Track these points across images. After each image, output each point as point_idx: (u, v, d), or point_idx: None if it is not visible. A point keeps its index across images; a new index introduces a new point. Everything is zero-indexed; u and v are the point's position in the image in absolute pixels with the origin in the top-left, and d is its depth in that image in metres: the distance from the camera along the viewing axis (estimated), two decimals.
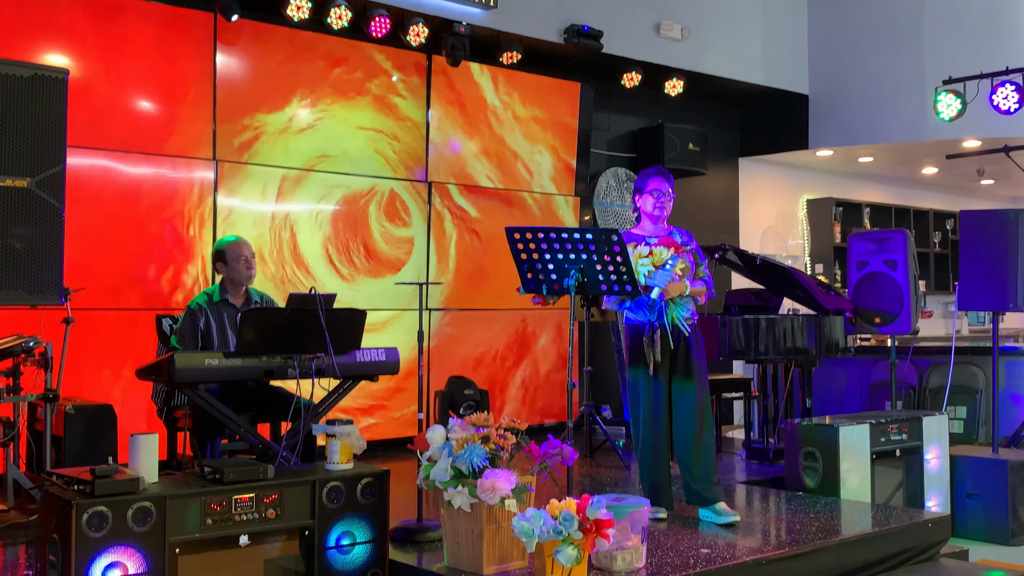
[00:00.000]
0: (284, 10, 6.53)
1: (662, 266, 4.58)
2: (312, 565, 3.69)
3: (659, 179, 4.80)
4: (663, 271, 4.57)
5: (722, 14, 8.98)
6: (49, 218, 4.43)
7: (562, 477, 4.22)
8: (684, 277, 4.65)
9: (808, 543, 4.27)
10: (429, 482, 3.78)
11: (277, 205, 6.76)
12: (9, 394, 4.74)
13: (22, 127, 4.35)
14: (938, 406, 7.28)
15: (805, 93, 9.73)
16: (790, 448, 5.65)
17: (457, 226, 7.70)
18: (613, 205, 8.82)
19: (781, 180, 10.70)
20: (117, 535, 3.27)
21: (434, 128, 7.56)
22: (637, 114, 9.07)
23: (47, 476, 3.56)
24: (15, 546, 4.21)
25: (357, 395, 5.74)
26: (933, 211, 11.99)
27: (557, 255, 4.39)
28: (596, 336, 8.30)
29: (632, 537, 3.77)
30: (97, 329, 5.92)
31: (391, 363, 4.65)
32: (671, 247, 4.65)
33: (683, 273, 4.64)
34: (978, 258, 6.22)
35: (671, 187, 4.83)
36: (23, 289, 4.38)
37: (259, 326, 4.23)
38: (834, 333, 6.71)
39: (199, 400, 4.28)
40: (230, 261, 4.96)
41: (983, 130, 8.68)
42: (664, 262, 4.59)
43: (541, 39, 7.69)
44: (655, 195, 4.79)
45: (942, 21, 8.98)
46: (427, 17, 7.06)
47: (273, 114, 6.76)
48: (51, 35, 5.85)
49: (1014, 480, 5.85)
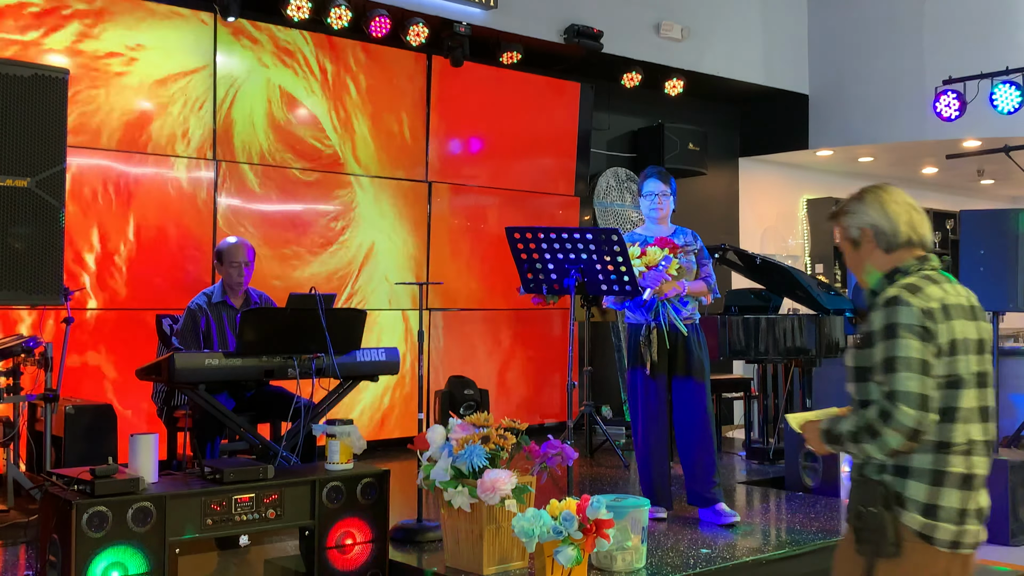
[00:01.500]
0: (284, 10, 6.53)
1: (655, 267, 4.59)
2: (312, 565, 3.69)
3: (654, 180, 4.81)
4: (654, 271, 4.58)
5: (722, 14, 8.98)
6: (49, 218, 4.43)
7: (562, 477, 4.23)
8: (681, 277, 4.65)
9: (808, 543, 4.28)
10: (429, 482, 3.79)
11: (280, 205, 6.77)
12: (9, 394, 4.74)
13: (22, 127, 4.35)
14: None
15: (805, 93, 9.73)
16: (790, 448, 5.66)
17: (457, 226, 7.70)
18: (613, 205, 8.82)
19: (781, 180, 10.70)
20: (117, 535, 3.27)
21: (434, 128, 7.56)
22: (637, 114, 9.07)
23: (47, 476, 3.57)
24: (15, 546, 4.22)
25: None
26: (933, 211, 11.98)
27: (557, 255, 4.39)
28: (596, 336, 8.30)
29: (632, 537, 3.77)
30: (97, 329, 5.93)
31: (391, 363, 4.65)
32: (666, 247, 4.65)
33: (678, 274, 4.64)
34: (978, 258, 6.22)
35: (670, 187, 4.83)
36: (23, 289, 4.37)
37: (259, 326, 4.22)
38: (834, 333, 6.71)
39: (199, 400, 4.27)
40: (225, 264, 4.97)
41: (983, 130, 8.68)
42: (657, 263, 4.60)
43: (541, 39, 7.69)
44: (650, 198, 4.81)
45: (942, 21, 8.98)
46: (427, 17, 7.06)
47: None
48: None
49: (1014, 480, 5.85)
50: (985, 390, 2.47)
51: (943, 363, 2.37)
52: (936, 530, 2.38)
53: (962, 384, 2.40)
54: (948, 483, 2.39)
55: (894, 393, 2.34)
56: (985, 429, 2.46)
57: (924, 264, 2.49)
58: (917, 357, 2.33)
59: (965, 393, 2.41)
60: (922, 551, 2.39)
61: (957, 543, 2.40)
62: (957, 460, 2.40)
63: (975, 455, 2.42)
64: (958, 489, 2.40)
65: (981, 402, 2.45)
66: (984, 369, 2.47)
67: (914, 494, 2.39)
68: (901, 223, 2.51)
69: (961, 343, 2.41)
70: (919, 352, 2.34)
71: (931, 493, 2.39)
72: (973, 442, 2.42)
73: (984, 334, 2.49)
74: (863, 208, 2.55)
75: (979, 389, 2.44)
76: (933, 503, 2.38)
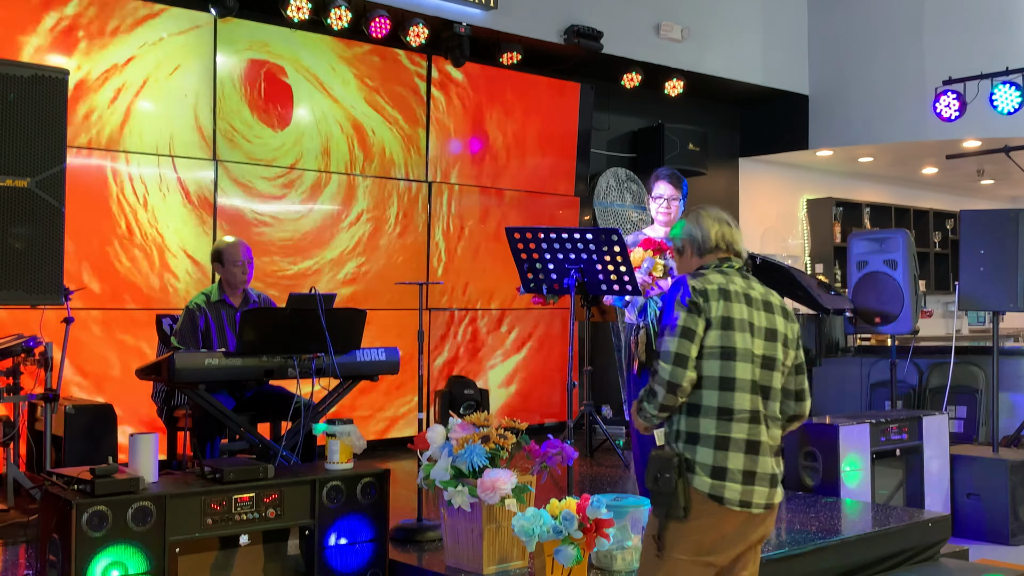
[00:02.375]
0: (284, 10, 6.52)
1: (637, 268, 4.62)
2: (312, 565, 3.69)
3: (662, 183, 4.81)
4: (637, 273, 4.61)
5: (722, 14, 8.98)
6: (49, 218, 4.43)
7: (562, 477, 4.23)
8: (665, 277, 4.66)
9: (808, 543, 4.27)
10: (429, 482, 3.79)
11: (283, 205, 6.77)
12: (9, 394, 4.74)
13: (22, 127, 4.35)
14: (938, 406, 7.27)
15: (805, 93, 9.73)
16: (790, 448, 5.65)
17: (457, 226, 7.70)
18: (613, 205, 8.82)
19: (781, 180, 10.70)
20: (117, 535, 3.27)
21: (434, 128, 7.56)
22: (637, 114, 9.07)
23: (47, 476, 3.57)
24: (15, 546, 4.21)
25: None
26: (933, 211, 11.98)
27: (557, 255, 4.39)
28: (596, 336, 8.30)
29: (632, 537, 3.77)
30: (97, 329, 5.93)
31: (391, 363, 4.65)
32: (649, 248, 4.67)
33: (663, 275, 4.66)
34: (978, 258, 6.22)
35: (680, 191, 4.81)
36: (23, 289, 4.37)
37: (259, 326, 4.22)
38: (834, 333, 6.71)
39: (199, 400, 4.27)
40: (226, 264, 4.96)
41: (983, 130, 8.68)
42: (639, 264, 4.63)
43: (541, 39, 7.69)
44: (658, 201, 4.81)
45: (942, 21, 8.98)
46: (427, 18, 7.06)
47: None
48: None
49: (1014, 480, 5.85)
50: (771, 372, 2.81)
51: (715, 335, 2.76)
52: (724, 490, 2.70)
53: (735, 356, 2.75)
54: (732, 448, 2.72)
55: (659, 353, 2.78)
56: (767, 404, 2.80)
57: (723, 264, 2.93)
58: (680, 325, 2.76)
59: (739, 366, 2.75)
60: (713, 511, 2.70)
61: (747, 502, 2.71)
62: (740, 427, 2.73)
63: (758, 424, 2.75)
64: (743, 453, 2.72)
65: (763, 381, 2.79)
66: (772, 355, 2.83)
67: (702, 458, 2.72)
68: (712, 233, 2.96)
69: (738, 322, 2.78)
70: (683, 321, 2.76)
71: (717, 457, 2.71)
72: (755, 412, 2.75)
73: (781, 327, 2.87)
74: (686, 225, 3.03)
75: (761, 369, 2.79)
76: (720, 466, 2.71)
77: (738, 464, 2.71)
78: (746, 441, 2.73)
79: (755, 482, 2.73)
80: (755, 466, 2.73)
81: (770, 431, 2.79)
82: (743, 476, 2.71)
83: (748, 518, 2.73)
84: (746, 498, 2.71)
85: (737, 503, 2.71)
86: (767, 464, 2.76)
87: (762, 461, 2.75)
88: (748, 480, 2.72)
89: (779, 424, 2.85)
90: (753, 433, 2.74)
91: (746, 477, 2.72)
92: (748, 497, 2.72)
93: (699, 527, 2.71)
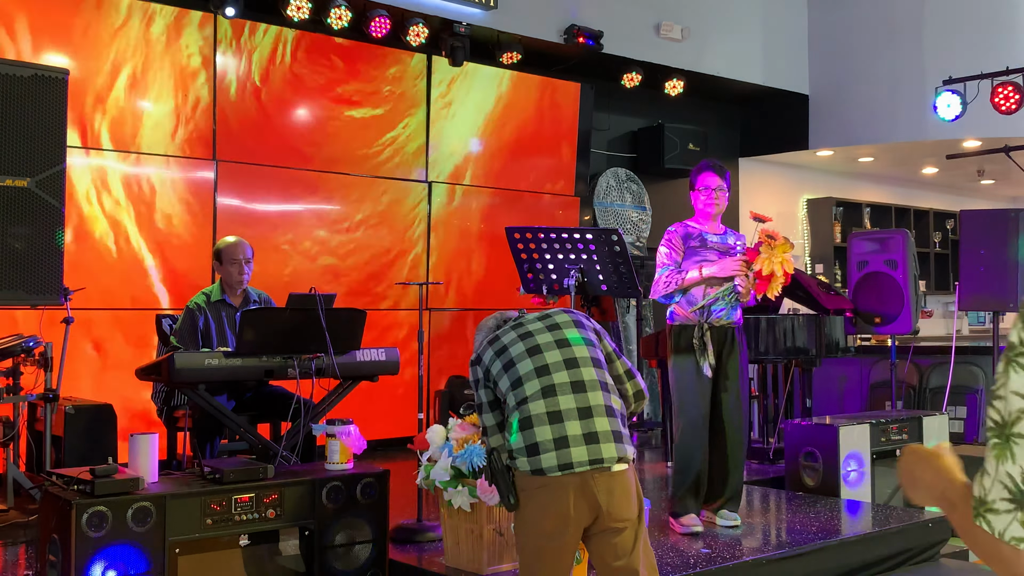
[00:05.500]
0: (284, 10, 6.52)
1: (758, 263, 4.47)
2: (312, 565, 3.69)
3: (709, 174, 4.61)
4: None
5: (722, 14, 8.98)
6: (49, 218, 4.43)
7: None
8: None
9: (808, 543, 4.27)
10: (429, 482, 3.79)
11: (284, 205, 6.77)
12: (9, 394, 4.74)
13: (22, 127, 4.35)
14: (938, 406, 7.27)
15: (805, 93, 9.72)
16: (790, 448, 5.65)
17: (457, 226, 7.70)
18: (613, 205, 8.82)
19: (781, 180, 10.70)
20: (117, 535, 3.27)
21: (434, 128, 7.55)
22: (637, 114, 9.07)
23: (47, 476, 3.56)
24: (15, 546, 4.21)
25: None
26: (933, 211, 11.98)
27: (557, 255, 4.39)
28: None
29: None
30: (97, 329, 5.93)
31: (391, 363, 4.64)
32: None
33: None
34: (978, 258, 6.22)
35: (725, 181, 4.64)
36: (23, 289, 4.38)
37: (259, 326, 4.22)
38: (834, 333, 6.71)
39: (199, 400, 4.27)
40: (225, 263, 4.95)
41: (983, 130, 8.68)
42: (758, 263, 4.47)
43: (541, 39, 7.69)
44: (705, 192, 4.62)
45: (942, 21, 8.98)
46: (427, 17, 7.05)
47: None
48: None
49: None
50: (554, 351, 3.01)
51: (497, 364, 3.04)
52: (540, 461, 2.82)
53: (516, 362, 3.00)
54: (536, 424, 2.86)
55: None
56: (550, 379, 2.93)
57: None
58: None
59: (520, 365, 2.98)
60: (540, 490, 2.82)
61: (567, 464, 2.81)
62: (536, 405, 2.89)
63: (553, 396, 2.89)
64: (547, 424, 2.86)
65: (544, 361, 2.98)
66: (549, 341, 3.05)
67: (517, 444, 2.88)
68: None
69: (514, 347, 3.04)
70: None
71: (526, 436, 2.87)
72: (546, 388, 2.90)
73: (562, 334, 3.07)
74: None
75: (537, 355, 2.99)
76: (531, 443, 2.85)
77: (546, 435, 2.84)
78: (546, 413, 2.87)
79: (569, 444, 2.83)
80: (565, 431, 2.84)
81: (565, 397, 2.89)
82: (555, 443, 2.83)
83: (581, 482, 2.80)
84: (564, 460, 2.81)
85: (556, 467, 2.81)
86: (575, 427, 2.85)
87: (570, 425, 2.85)
88: (560, 444, 2.83)
89: (597, 386, 2.94)
90: (552, 405, 2.88)
91: (558, 442, 2.83)
92: (566, 459, 2.81)
93: (535, 510, 2.85)
